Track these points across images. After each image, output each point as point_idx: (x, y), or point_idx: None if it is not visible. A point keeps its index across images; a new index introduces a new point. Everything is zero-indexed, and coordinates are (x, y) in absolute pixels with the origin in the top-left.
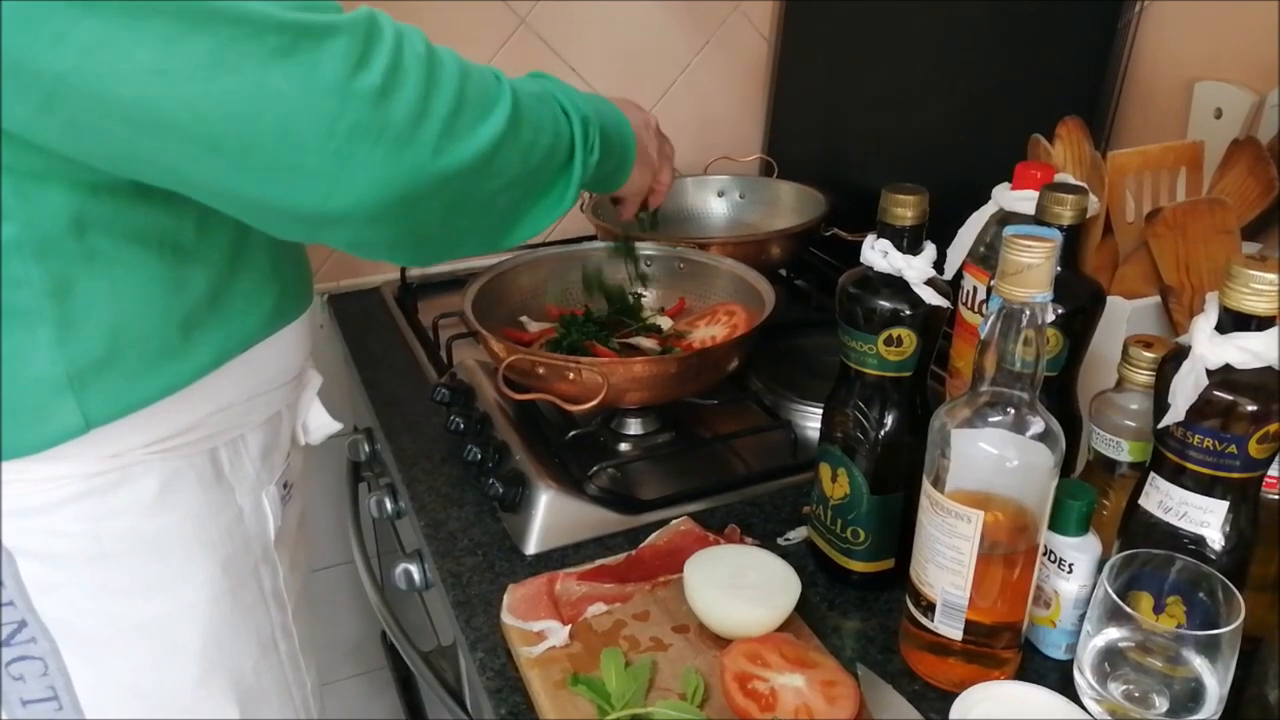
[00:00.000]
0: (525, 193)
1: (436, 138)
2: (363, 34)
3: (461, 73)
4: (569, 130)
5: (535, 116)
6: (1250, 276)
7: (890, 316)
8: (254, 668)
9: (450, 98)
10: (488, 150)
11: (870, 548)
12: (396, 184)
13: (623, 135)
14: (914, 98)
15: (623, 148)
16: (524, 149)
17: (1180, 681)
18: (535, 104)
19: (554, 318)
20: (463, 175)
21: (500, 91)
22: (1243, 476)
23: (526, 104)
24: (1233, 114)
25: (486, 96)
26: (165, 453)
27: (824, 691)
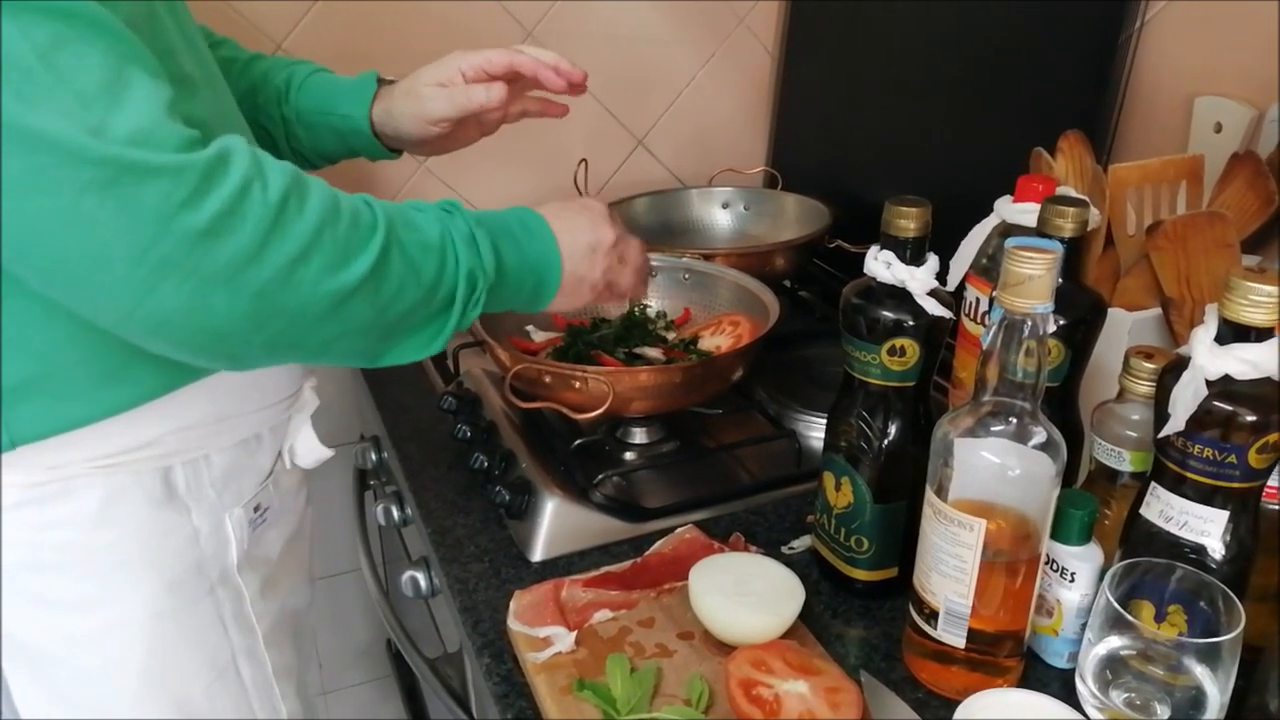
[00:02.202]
0: (381, 337)
1: (264, 284)
2: (198, 176)
3: (320, 224)
4: (453, 283)
5: (407, 270)
6: (1249, 288)
7: (893, 327)
8: (205, 691)
9: (295, 248)
10: (330, 302)
11: (874, 556)
12: (204, 320)
13: (539, 273)
14: (917, 111)
15: (535, 286)
16: (382, 303)
17: (1181, 690)
18: (416, 255)
19: (560, 327)
20: (294, 320)
21: (366, 245)
22: (1243, 486)
23: (400, 257)
24: (1232, 128)
25: (347, 249)
26: (110, 468)
27: (828, 698)
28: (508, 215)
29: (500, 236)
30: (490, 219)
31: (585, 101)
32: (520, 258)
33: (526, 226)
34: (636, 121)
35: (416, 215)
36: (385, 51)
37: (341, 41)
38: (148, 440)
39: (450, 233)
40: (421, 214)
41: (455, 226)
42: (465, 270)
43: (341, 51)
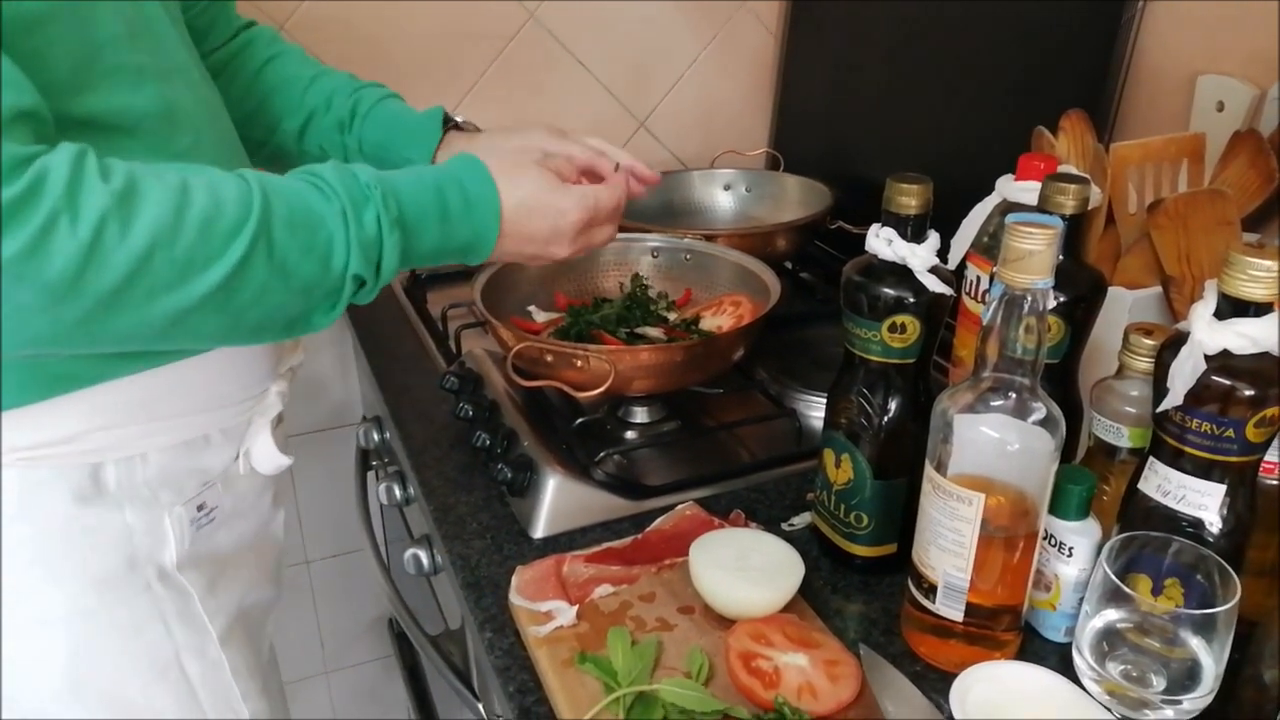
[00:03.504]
0: (241, 334)
1: (85, 314)
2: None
3: (151, 246)
4: (335, 284)
5: (273, 276)
6: (1248, 263)
7: (894, 304)
8: (142, 690)
9: (116, 277)
10: (167, 320)
11: (873, 532)
12: (28, 338)
13: (464, 253)
14: (919, 92)
15: (458, 256)
16: (236, 309)
17: (1177, 662)
18: (290, 258)
19: (562, 308)
20: (129, 337)
21: (217, 257)
22: (1240, 460)
23: (265, 263)
24: (1234, 107)
25: (188, 266)
26: (29, 461)
27: (827, 670)
28: (447, 190)
29: (420, 228)
30: (417, 203)
31: (587, 83)
32: (441, 243)
33: (467, 202)
34: (638, 103)
35: (309, 208)
36: (387, 33)
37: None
38: (70, 434)
39: (347, 233)
40: (319, 205)
41: (359, 224)
42: (353, 274)
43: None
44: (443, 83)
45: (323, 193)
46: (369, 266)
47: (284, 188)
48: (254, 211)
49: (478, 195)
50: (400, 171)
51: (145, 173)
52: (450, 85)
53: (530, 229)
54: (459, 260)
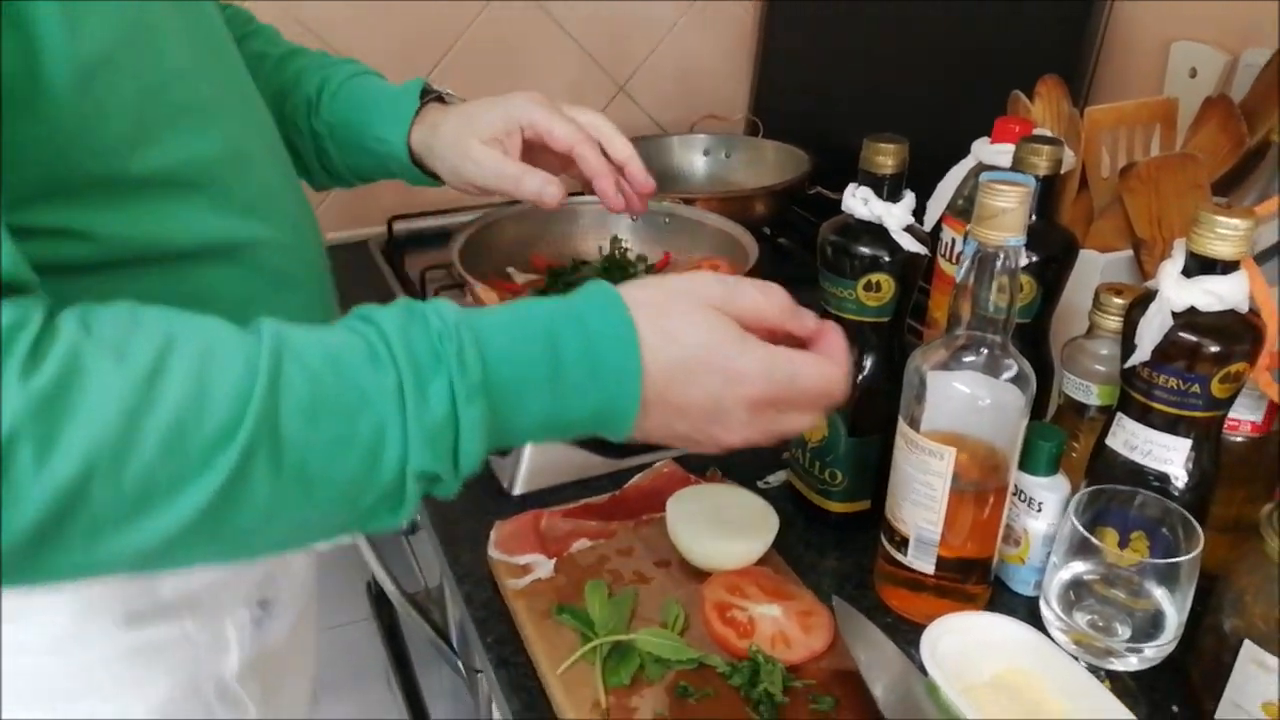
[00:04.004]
0: (252, 552)
1: (6, 556)
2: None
3: (86, 471)
4: (383, 487)
5: (290, 489)
6: (1216, 222)
7: (870, 262)
8: None
9: (38, 515)
10: (127, 558)
11: (847, 489)
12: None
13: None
14: (898, 58)
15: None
16: (237, 535)
17: (1141, 612)
18: (314, 463)
19: (540, 269)
20: (80, 574)
21: (195, 477)
22: (1205, 415)
23: (270, 475)
24: (1207, 73)
25: (146, 494)
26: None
27: (800, 621)
28: (563, 335)
29: (518, 396)
30: (514, 358)
31: (567, 46)
32: (550, 415)
33: (593, 356)
34: (618, 67)
35: (346, 382)
36: None
37: None
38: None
39: (403, 418)
40: (363, 376)
41: (422, 402)
42: (415, 472)
43: None
44: (420, 46)
45: (374, 356)
46: (440, 459)
47: (310, 352)
48: (253, 402)
49: (610, 352)
50: (497, 309)
51: (98, 353)
52: (429, 49)
53: (686, 399)
54: (582, 433)
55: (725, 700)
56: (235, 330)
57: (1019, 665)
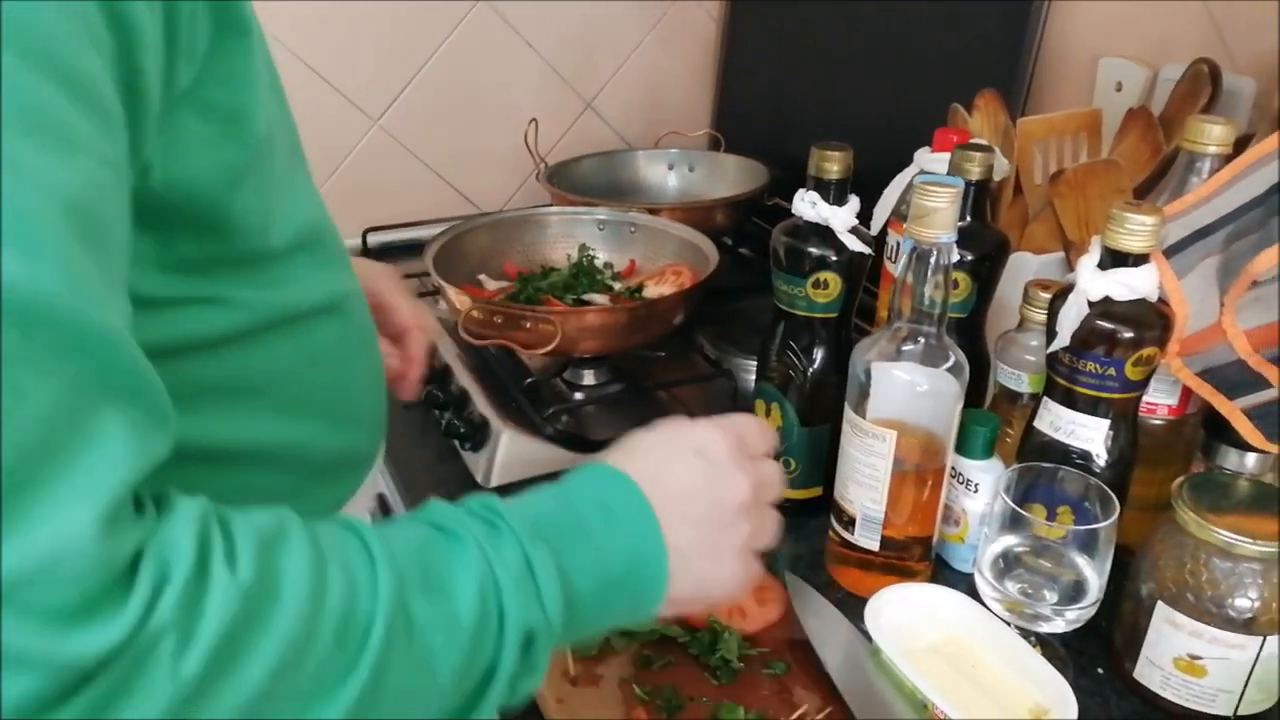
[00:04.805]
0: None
1: None
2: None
3: (278, 669)
4: (494, 654)
5: (417, 670)
6: (1128, 218)
7: (818, 261)
8: None
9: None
10: None
11: (800, 476)
12: None
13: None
14: (848, 76)
15: (631, 600)
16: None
17: (1066, 580)
18: (435, 643)
19: (511, 276)
20: None
21: (352, 668)
22: (1122, 397)
23: (406, 657)
24: (1131, 87)
25: (318, 686)
26: None
27: (755, 595)
28: (574, 502)
29: (562, 544)
30: (544, 519)
31: (534, 64)
32: (599, 569)
33: (607, 510)
34: (585, 84)
35: (441, 568)
36: (340, 12)
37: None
38: None
39: (495, 582)
40: (449, 560)
41: (500, 564)
42: (519, 632)
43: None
44: (393, 63)
45: (442, 530)
46: (531, 605)
47: (404, 540)
48: (385, 580)
49: (610, 495)
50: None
51: (281, 542)
52: (401, 67)
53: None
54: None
55: (685, 667)
56: (346, 532)
57: (956, 632)
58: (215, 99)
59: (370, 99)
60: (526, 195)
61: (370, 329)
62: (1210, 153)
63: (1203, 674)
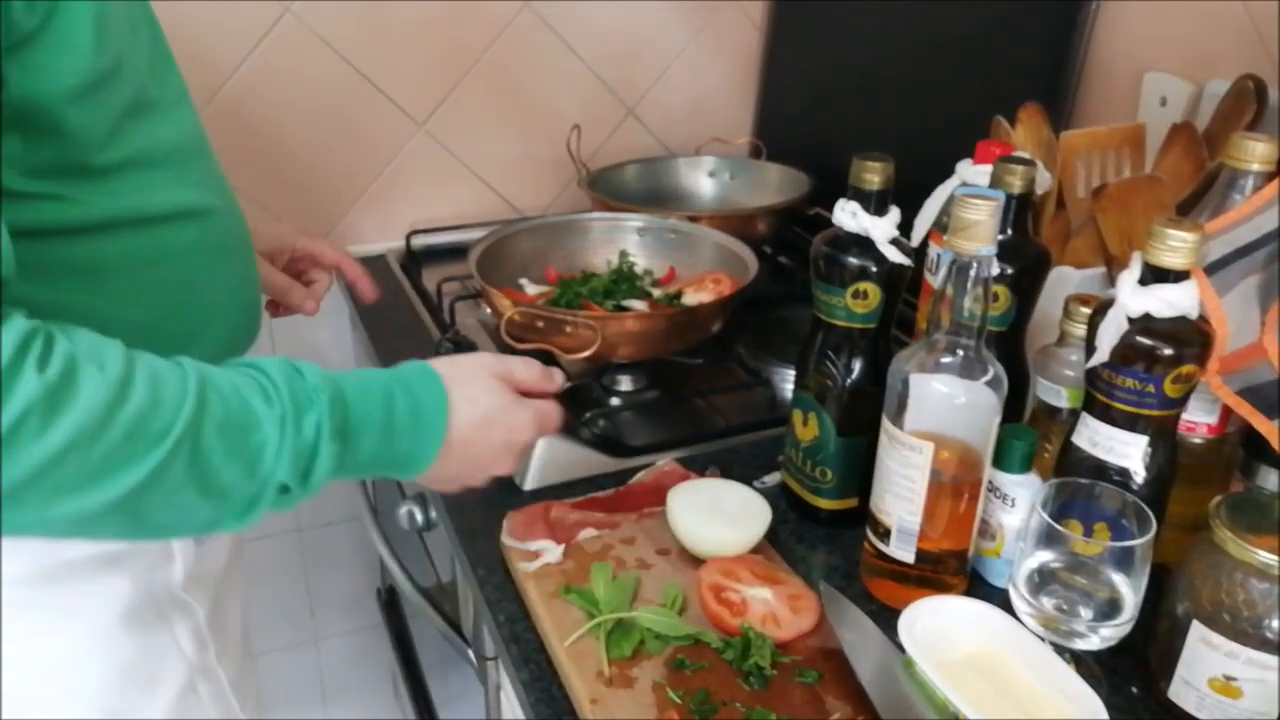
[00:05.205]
0: (148, 532)
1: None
2: None
3: (68, 445)
4: (255, 491)
5: (192, 480)
6: (1169, 234)
7: (858, 272)
8: (168, 713)
9: (20, 475)
10: (65, 522)
11: (836, 486)
12: None
13: (401, 464)
14: (892, 86)
15: (392, 468)
16: (145, 513)
17: (1102, 596)
18: (215, 463)
19: (552, 281)
20: (15, 531)
21: (135, 461)
22: (1160, 414)
23: (186, 467)
24: (1176, 102)
25: (102, 468)
26: None
27: (789, 603)
28: (397, 399)
29: (361, 438)
30: (364, 412)
31: (578, 70)
32: (377, 455)
33: (416, 413)
34: (627, 91)
35: (248, 409)
36: (389, 17)
37: (348, 6)
38: None
39: (282, 440)
40: (258, 407)
41: (297, 431)
42: (279, 482)
43: (348, 16)
44: (439, 68)
45: (264, 392)
46: (298, 476)
47: (224, 384)
48: (185, 410)
49: (428, 407)
50: (349, 374)
51: (88, 361)
52: (447, 71)
53: (476, 449)
54: (384, 474)
55: (718, 672)
56: (168, 361)
57: (989, 645)
58: (56, 38)
59: (416, 103)
60: (568, 200)
61: (236, 247)
62: (1253, 170)
63: (1238, 695)
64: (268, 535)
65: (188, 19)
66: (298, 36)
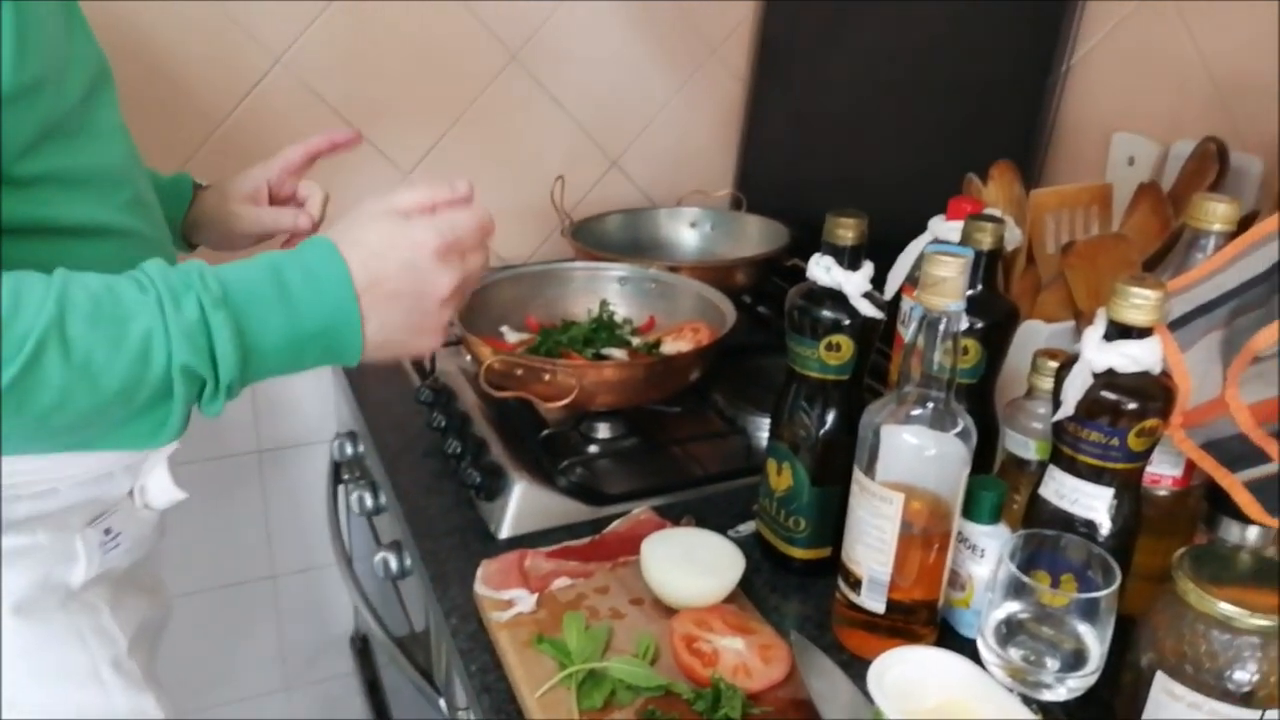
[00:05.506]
0: (53, 436)
1: None
2: None
3: None
4: (160, 382)
5: (74, 377)
6: (1132, 292)
7: (831, 325)
8: (69, 700)
9: None
10: None
11: (810, 536)
12: None
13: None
14: (869, 143)
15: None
16: (36, 413)
17: (1068, 647)
18: (96, 357)
19: (533, 329)
20: None
21: (6, 357)
22: (1125, 467)
23: (61, 364)
24: (1143, 161)
25: None
26: None
27: (761, 654)
28: (282, 265)
29: (254, 307)
30: (246, 279)
31: (564, 121)
32: (291, 324)
33: (308, 271)
34: (611, 143)
35: (120, 300)
36: (377, 70)
37: (336, 59)
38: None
39: (164, 322)
40: (131, 297)
41: (177, 310)
42: (180, 365)
43: (336, 68)
44: (426, 119)
45: (138, 284)
46: (201, 357)
47: (92, 281)
48: (48, 307)
49: (317, 261)
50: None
51: None
52: (433, 121)
53: (392, 283)
54: (330, 357)
55: None
56: (39, 274)
57: (958, 696)
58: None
59: (403, 153)
60: (551, 249)
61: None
62: (1215, 230)
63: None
64: (241, 581)
65: (176, 70)
66: (287, 87)
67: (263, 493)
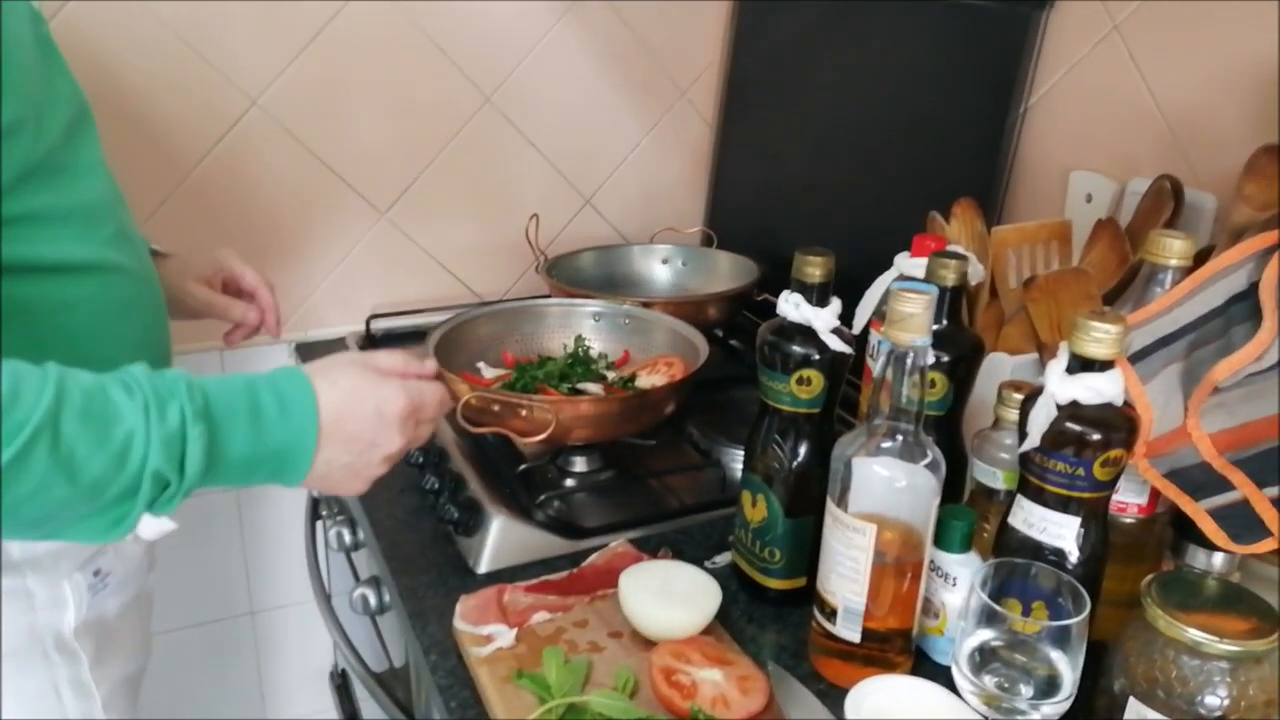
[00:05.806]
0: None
1: None
2: None
3: None
4: (131, 483)
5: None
6: (1093, 326)
7: (801, 359)
8: None
9: None
10: None
11: (785, 566)
12: None
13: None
14: (835, 180)
15: (275, 472)
16: (10, 503)
17: (1041, 674)
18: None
19: (510, 365)
20: None
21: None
22: (1091, 496)
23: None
24: (1100, 198)
25: None
26: None
27: (739, 684)
28: (260, 388)
29: (229, 424)
30: (226, 397)
31: (538, 161)
32: (254, 445)
33: (282, 400)
34: (585, 182)
35: (109, 400)
36: (353, 111)
37: (313, 101)
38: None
39: (148, 427)
40: (120, 398)
41: (161, 417)
42: (153, 470)
43: (313, 110)
44: (402, 159)
45: (126, 387)
46: (172, 464)
47: (85, 380)
48: (45, 398)
49: (292, 393)
50: (210, 377)
51: None
52: (409, 162)
53: (353, 427)
54: (275, 478)
55: None
56: (34, 365)
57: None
58: None
59: (379, 193)
60: (526, 286)
61: (143, 305)
62: (1171, 265)
63: None
64: (220, 618)
65: (153, 111)
66: (263, 129)
67: (241, 529)
